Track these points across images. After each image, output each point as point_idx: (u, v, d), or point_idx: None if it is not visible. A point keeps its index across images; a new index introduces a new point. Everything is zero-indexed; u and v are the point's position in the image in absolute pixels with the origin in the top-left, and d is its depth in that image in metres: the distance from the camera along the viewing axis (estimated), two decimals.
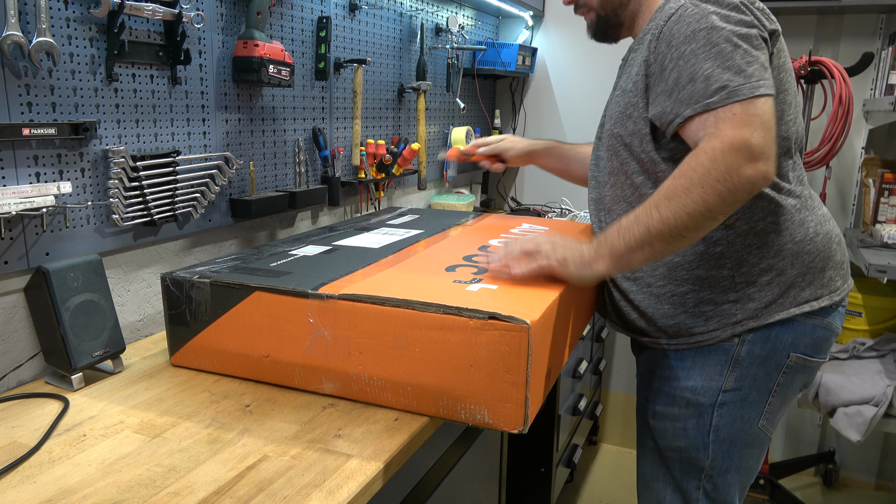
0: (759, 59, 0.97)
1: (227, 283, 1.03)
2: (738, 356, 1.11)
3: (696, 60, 0.97)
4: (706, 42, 0.97)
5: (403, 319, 0.92)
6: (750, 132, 0.91)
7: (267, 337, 1.01)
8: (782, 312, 1.10)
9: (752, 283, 1.10)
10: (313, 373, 1.00)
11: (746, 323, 1.10)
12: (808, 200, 1.13)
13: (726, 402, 1.13)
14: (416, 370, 0.93)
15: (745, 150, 0.91)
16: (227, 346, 1.05)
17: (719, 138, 0.92)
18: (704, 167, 0.92)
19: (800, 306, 1.10)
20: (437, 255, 1.20)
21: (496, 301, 0.92)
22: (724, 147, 0.91)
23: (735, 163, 0.91)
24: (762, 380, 1.12)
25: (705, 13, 0.99)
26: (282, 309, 0.99)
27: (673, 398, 1.17)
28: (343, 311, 0.95)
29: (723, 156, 0.91)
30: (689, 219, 0.94)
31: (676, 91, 0.99)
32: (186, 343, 1.08)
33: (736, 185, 0.91)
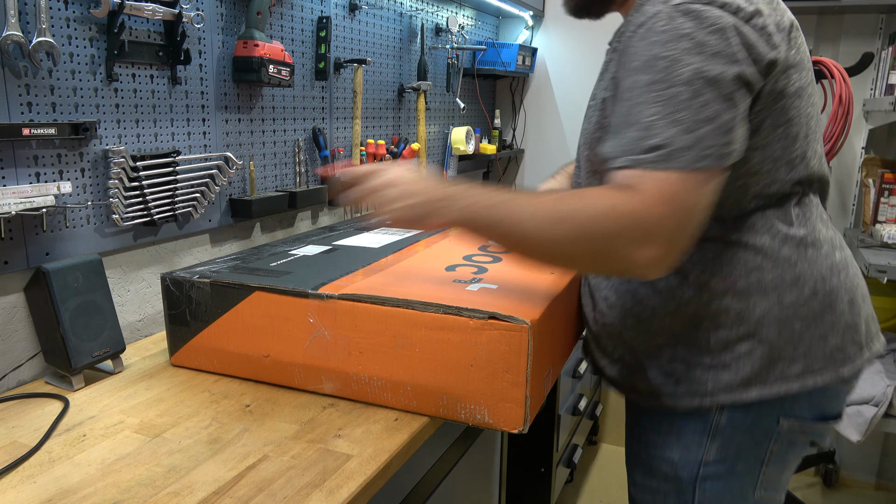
0: (722, 116, 0.76)
1: (227, 283, 1.03)
2: (717, 424, 0.93)
3: (644, 100, 0.78)
4: (662, 78, 0.77)
5: (403, 319, 0.92)
6: (666, 210, 0.74)
7: (267, 337, 1.01)
8: (763, 390, 0.90)
9: (729, 350, 0.90)
10: (313, 373, 1.00)
11: (718, 396, 0.91)
12: (813, 249, 0.91)
13: (710, 475, 0.95)
14: (416, 370, 0.93)
15: (646, 229, 0.74)
16: (227, 345, 1.05)
17: (630, 200, 0.75)
18: (592, 214, 0.76)
19: (787, 382, 0.89)
20: (437, 255, 1.20)
21: (496, 301, 0.92)
22: (627, 211, 0.75)
23: (626, 233, 0.75)
24: (750, 449, 0.94)
25: (675, 35, 0.77)
26: (282, 309, 0.99)
27: (651, 469, 1.01)
28: (343, 311, 0.95)
29: (618, 219, 0.75)
30: (541, 247, 0.82)
31: (619, 131, 0.81)
32: (186, 343, 1.08)
33: (609, 256, 0.77)
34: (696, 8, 0.78)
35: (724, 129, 0.76)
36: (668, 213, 0.74)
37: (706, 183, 0.76)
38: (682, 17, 0.78)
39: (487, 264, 1.14)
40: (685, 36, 0.77)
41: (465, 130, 2.36)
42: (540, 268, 0.89)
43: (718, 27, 0.77)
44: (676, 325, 0.93)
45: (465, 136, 2.36)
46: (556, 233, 0.79)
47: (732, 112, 0.77)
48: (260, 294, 1.00)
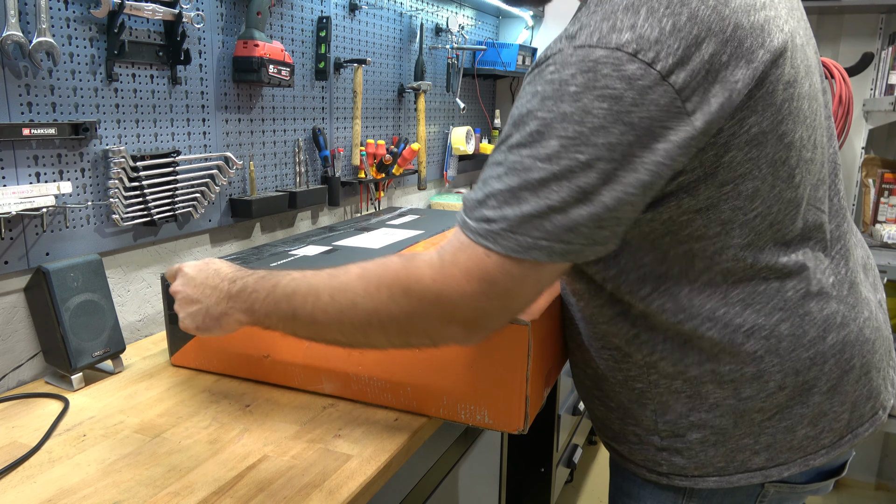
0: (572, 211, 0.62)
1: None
2: (694, 487, 0.82)
3: (500, 159, 0.66)
4: (526, 143, 0.64)
5: None
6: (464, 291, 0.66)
7: (267, 337, 1.01)
8: (722, 481, 0.79)
9: (679, 436, 0.80)
10: (313, 373, 1.00)
11: (673, 479, 0.81)
12: (790, 340, 0.75)
13: None
14: (415, 370, 0.93)
15: (447, 310, 0.67)
16: (227, 346, 1.05)
17: (432, 275, 0.67)
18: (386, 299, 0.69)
19: (749, 474, 0.78)
20: None
21: None
22: (434, 286, 0.67)
23: (428, 312, 0.68)
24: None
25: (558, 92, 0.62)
26: None
27: None
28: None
29: (420, 296, 0.68)
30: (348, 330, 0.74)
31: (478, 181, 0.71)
32: (186, 343, 1.08)
33: (411, 335, 0.72)
34: (596, 57, 0.61)
35: (569, 226, 0.63)
36: (475, 293, 0.65)
37: (530, 274, 0.65)
38: (574, 67, 0.62)
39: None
40: (569, 96, 0.62)
41: (465, 130, 2.36)
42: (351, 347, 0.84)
43: (613, 94, 0.60)
44: (625, 397, 0.83)
45: (465, 136, 2.36)
46: (356, 319, 0.72)
47: (589, 208, 0.62)
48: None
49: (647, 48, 0.60)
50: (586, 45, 0.62)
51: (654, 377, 0.79)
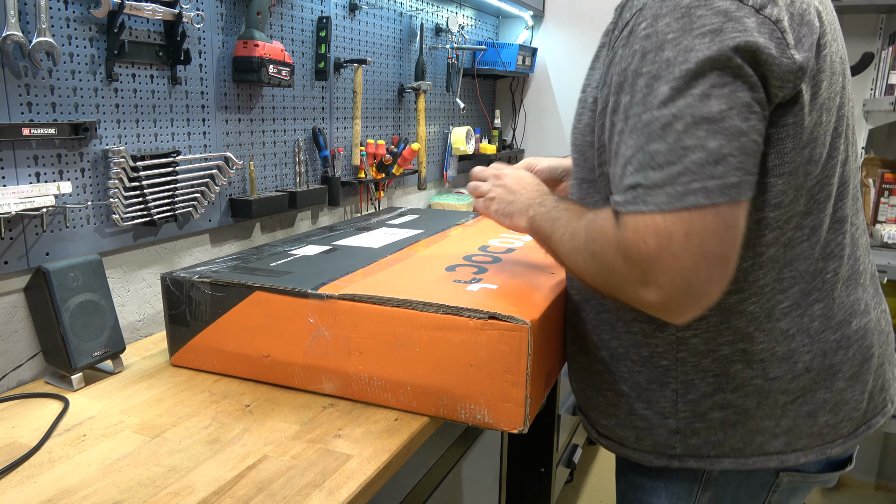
0: (708, 143, 0.62)
1: (227, 283, 1.03)
2: (709, 476, 0.83)
3: (622, 128, 0.68)
4: (640, 100, 0.65)
5: (403, 319, 0.92)
6: (646, 253, 0.64)
7: (267, 337, 1.01)
8: (739, 462, 0.80)
9: (700, 415, 0.80)
10: (313, 373, 1.00)
11: (686, 461, 0.82)
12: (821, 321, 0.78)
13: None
14: (415, 370, 0.93)
15: (635, 270, 0.66)
16: (226, 346, 1.05)
17: (618, 237, 0.67)
18: (597, 250, 0.71)
19: (765, 458, 0.79)
20: (437, 255, 1.20)
21: (496, 301, 0.92)
22: (619, 252, 0.67)
23: (623, 275, 0.67)
24: (746, 500, 0.85)
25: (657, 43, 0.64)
26: (282, 309, 0.99)
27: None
28: (343, 311, 0.95)
29: (614, 262, 0.68)
30: (577, 271, 0.78)
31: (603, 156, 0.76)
32: (186, 343, 1.08)
33: (623, 297, 0.71)
34: (687, 3, 0.63)
35: (712, 160, 0.62)
36: (656, 255, 0.63)
37: (701, 222, 0.62)
38: (668, 15, 0.64)
39: (487, 264, 1.14)
40: (669, 42, 0.63)
41: (465, 130, 2.36)
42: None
43: (713, 28, 0.62)
44: (643, 377, 0.83)
45: (465, 136, 2.36)
46: (579, 262, 0.76)
47: (723, 137, 0.62)
48: (260, 294, 1.00)
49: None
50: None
51: (682, 354, 0.80)
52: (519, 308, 0.89)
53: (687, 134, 0.62)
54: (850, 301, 0.79)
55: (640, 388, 0.84)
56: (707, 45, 0.62)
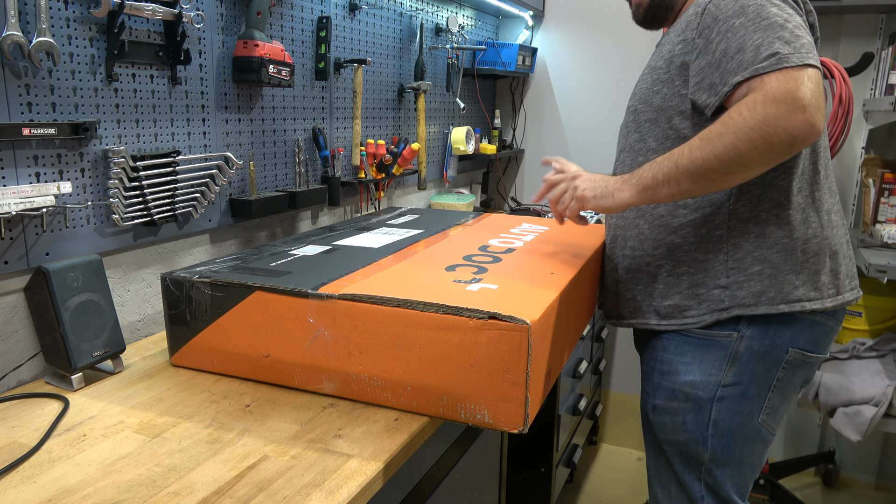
0: (806, 37, 0.97)
1: (227, 283, 1.03)
2: (736, 351, 1.12)
3: (746, 32, 0.98)
4: (756, 16, 0.98)
5: (403, 319, 0.92)
6: (797, 85, 0.91)
7: (267, 337, 1.01)
8: (770, 307, 1.10)
9: (744, 270, 1.11)
10: (313, 373, 1.00)
11: (732, 310, 1.11)
12: (819, 204, 1.12)
13: (725, 396, 1.14)
14: (416, 370, 0.93)
15: (790, 100, 0.91)
16: (227, 345, 1.05)
17: (762, 91, 0.93)
18: (741, 115, 0.93)
19: (789, 304, 1.10)
20: (437, 255, 1.20)
21: (496, 301, 0.92)
22: (766, 98, 0.92)
23: (775, 112, 0.91)
24: (761, 375, 1.13)
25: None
26: (282, 309, 0.99)
27: (672, 392, 1.18)
28: (343, 311, 0.95)
29: (763, 106, 0.92)
30: (717, 162, 0.96)
31: (725, 62, 1.00)
32: (186, 343, 1.08)
33: (772, 135, 0.92)
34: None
35: (810, 46, 0.96)
36: (799, 85, 0.91)
37: (815, 74, 0.93)
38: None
39: (487, 264, 1.14)
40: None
41: (465, 130, 2.36)
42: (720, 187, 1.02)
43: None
44: (701, 250, 1.13)
45: (465, 136, 2.36)
46: (720, 145, 0.95)
47: (810, 35, 0.99)
48: (260, 294, 1.00)
49: None
50: None
51: (732, 222, 1.11)
52: (519, 308, 0.89)
53: (797, 29, 0.97)
54: (832, 202, 1.15)
55: (697, 262, 1.14)
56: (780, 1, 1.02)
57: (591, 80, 2.66)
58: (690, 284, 1.15)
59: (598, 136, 2.68)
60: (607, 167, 1.25)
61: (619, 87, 2.61)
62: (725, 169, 0.97)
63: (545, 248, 1.29)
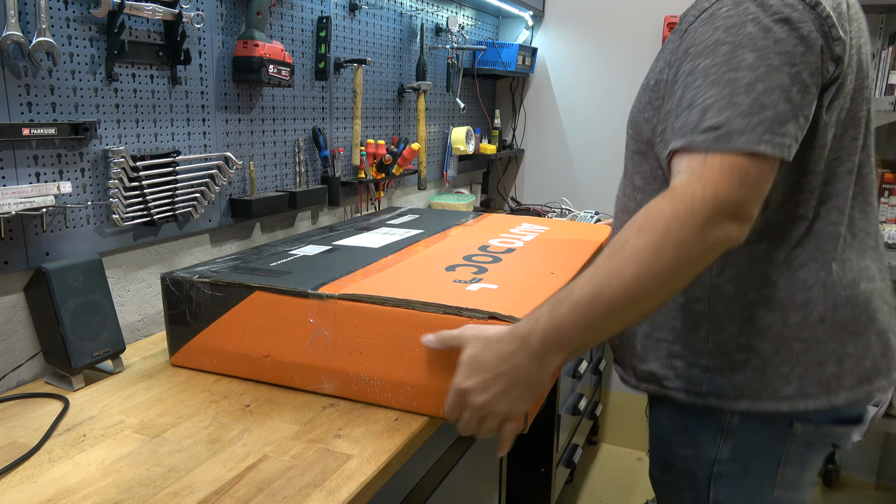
0: (779, 107, 0.75)
1: (227, 283, 1.03)
2: (730, 424, 0.92)
3: (703, 83, 0.78)
4: (724, 61, 0.77)
5: (403, 319, 0.92)
6: (735, 187, 0.73)
7: (267, 337, 1.01)
8: (753, 404, 0.89)
9: (725, 355, 0.90)
10: (313, 373, 1.00)
11: (709, 399, 0.92)
12: (838, 276, 0.87)
13: (723, 473, 0.95)
14: (416, 370, 0.93)
15: (727, 206, 0.73)
16: (227, 345, 1.05)
17: (700, 184, 0.73)
18: (680, 220, 0.72)
19: (778, 402, 0.88)
20: (436, 255, 1.20)
21: (497, 301, 0.92)
22: (703, 194, 0.73)
23: (710, 221, 0.72)
24: (765, 450, 0.93)
25: (740, 20, 0.77)
26: (282, 309, 0.99)
27: (668, 464, 1.02)
28: (343, 311, 0.95)
29: (700, 212, 0.72)
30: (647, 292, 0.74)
31: (673, 115, 0.81)
32: (186, 343, 1.08)
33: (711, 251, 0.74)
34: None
35: (780, 120, 0.75)
36: (735, 186, 0.73)
37: (762, 168, 0.74)
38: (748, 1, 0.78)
39: (487, 264, 1.14)
40: (750, 21, 0.77)
41: (465, 130, 2.36)
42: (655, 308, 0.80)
43: (784, 16, 0.77)
44: (679, 321, 0.94)
45: (465, 136, 2.36)
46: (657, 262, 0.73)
47: (790, 105, 0.75)
48: (260, 294, 1.00)
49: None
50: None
51: (714, 299, 0.91)
52: (519, 308, 0.89)
53: (766, 95, 0.75)
54: (860, 266, 0.89)
55: (677, 332, 0.94)
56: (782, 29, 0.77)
57: (591, 80, 2.66)
58: (668, 354, 0.95)
59: (598, 136, 2.68)
60: (607, 167, 1.24)
61: (619, 87, 2.61)
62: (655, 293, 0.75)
63: (545, 248, 1.29)
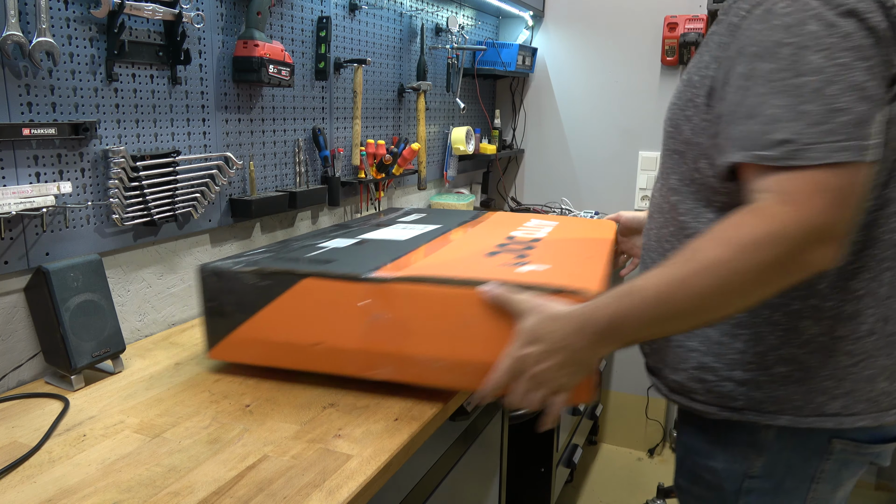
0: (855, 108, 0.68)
1: (274, 272, 0.99)
2: (765, 440, 0.87)
3: (766, 90, 0.71)
4: (787, 66, 0.70)
5: (467, 299, 0.90)
6: (823, 208, 0.67)
7: (318, 324, 0.97)
8: (796, 420, 0.83)
9: (765, 369, 0.84)
10: (368, 358, 0.97)
11: (746, 414, 0.86)
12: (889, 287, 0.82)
13: (754, 489, 0.89)
14: (483, 349, 0.89)
15: (817, 233, 0.67)
16: (273, 336, 1.00)
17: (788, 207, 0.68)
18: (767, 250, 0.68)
19: (822, 419, 0.83)
20: (469, 245, 1.17)
21: (553, 278, 0.90)
22: (792, 226, 0.67)
23: (800, 248, 0.68)
24: (799, 466, 0.87)
25: (801, 18, 0.70)
26: (334, 295, 0.96)
27: (695, 476, 0.96)
28: (401, 294, 0.93)
29: (790, 239, 0.67)
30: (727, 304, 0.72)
31: (730, 122, 0.75)
32: (227, 336, 1.03)
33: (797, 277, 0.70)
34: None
35: (857, 122, 0.68)
36: (826, 206, 0.67)
37: (847, 178, 0.67)
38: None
39: (526, 250, 1.11)
40: (812, 18, 0.70)
41: (465, 130, 2.36)
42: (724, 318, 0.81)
43: (849, 8, 0.70)
44: (715, 330, 0.86)
45: (465, 136, 2.36)
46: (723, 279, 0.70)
47: (868, 103, 0.68)
48: (311, 281, 0.97)
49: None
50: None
51: (756, 308, 0.82)
52: (579, 281, 0.88)
53: (838, 98, 0.68)
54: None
55: (710, 341, 0.87)
56: (848, 23, 0.70)
57: (591, 80, 2.66)
58: (698, 366, 0.88)
59: (598, 136, 2.68)
60: (607, 167, 1.23)
61: (619, 86, 2.61)
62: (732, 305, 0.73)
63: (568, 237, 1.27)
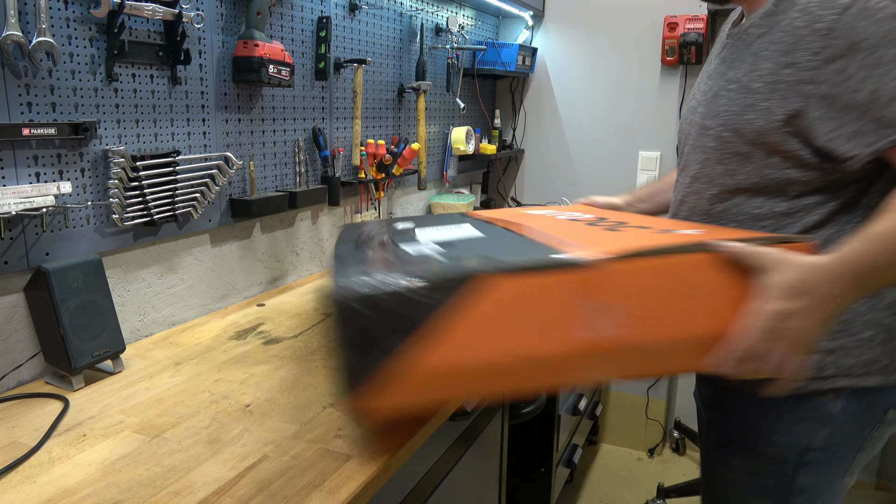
0: None
1: (449, 279, 0.73)
2: (830, 412, 0.94)
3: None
4: None
5: (696, 265, 0.78)
6: None
7: (513, 334, 0.75)
8: (884, 377, 0.93)
9: (852, 335, 0.92)
10: (582, 361, 0.77)
11: (836, 381, 0.92)
12: None
13: (812, 461, 0.96)
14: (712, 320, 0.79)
15: None
16: (462, 359, 0.74)
17: None
18: None
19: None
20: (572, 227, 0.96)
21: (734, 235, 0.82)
22: None
23: None
24: (853, 436, 0.96)
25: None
26: (531, 293, 0.75)
27: (750, 451, 1.01)
28: (618, 275, 0.76)
29: None
30: None
31: (877, 107, 0.81)
32: (391, 376, 0.73)
33: None
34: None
35: None
36: None
37: None
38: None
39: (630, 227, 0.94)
40: None
41: (465, 130, 2.36)
42: None
43: None
44: None
45: (465, 136, 2.36)
46: None
47: None
48: (500, 280, 0.73)
49: None
50: None
51: None
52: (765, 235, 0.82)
53: None
54: None
55: None
56: None
57: (591, 80, 2.66)
58: None
59: (598, 136, 2.68)
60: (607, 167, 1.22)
61: (619, 86, 2.61)
62: None
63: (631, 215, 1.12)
